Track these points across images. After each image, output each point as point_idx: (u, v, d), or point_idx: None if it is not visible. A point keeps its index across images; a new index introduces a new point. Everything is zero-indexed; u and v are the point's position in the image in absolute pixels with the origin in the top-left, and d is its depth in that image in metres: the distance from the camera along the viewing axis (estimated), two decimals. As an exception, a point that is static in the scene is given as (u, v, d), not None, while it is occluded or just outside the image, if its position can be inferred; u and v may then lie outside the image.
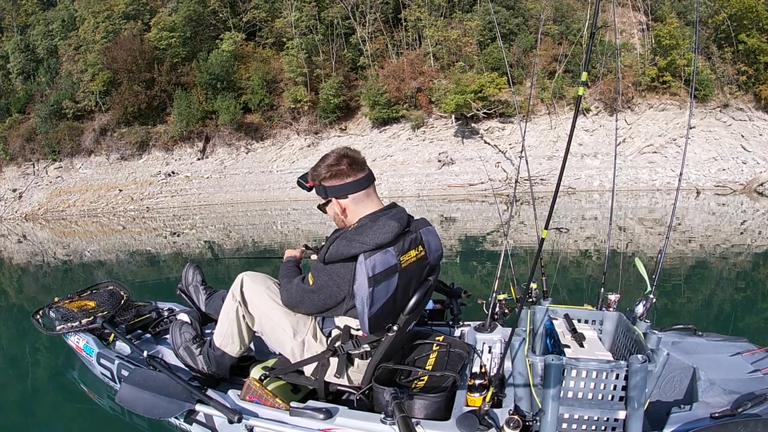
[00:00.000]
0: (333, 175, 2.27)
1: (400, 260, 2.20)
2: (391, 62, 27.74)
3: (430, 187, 22.71)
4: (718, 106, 23.43)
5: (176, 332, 2.85)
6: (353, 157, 2.29)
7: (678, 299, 5.72)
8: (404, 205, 2.45)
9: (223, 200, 24.41)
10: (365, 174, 2.31)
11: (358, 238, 2.14)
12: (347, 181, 2.27)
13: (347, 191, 2.29)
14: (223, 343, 2.62)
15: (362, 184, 2.29)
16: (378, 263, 2.12)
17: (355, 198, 2.30)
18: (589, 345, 2.26)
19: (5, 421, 3.36)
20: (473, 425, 2.01)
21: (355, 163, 2.29)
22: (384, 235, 2.14)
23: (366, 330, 2.25)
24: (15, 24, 32.17)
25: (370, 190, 2.33)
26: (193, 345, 2.79)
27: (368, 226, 2.18)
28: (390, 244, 2.16)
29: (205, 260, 10.61)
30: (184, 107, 26.82)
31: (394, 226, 2.18)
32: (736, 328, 4.74)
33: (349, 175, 2.27)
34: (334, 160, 2.29)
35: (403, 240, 2.24)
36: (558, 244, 8.77)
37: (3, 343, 5.57)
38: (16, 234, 18.91)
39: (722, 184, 20.06)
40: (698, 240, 9.82)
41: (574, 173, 21.19)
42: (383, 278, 2.14)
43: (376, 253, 2.13)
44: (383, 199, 2.40)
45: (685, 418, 1.98)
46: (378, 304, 2.18)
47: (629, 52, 25.33)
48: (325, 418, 2.16)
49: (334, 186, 2.28)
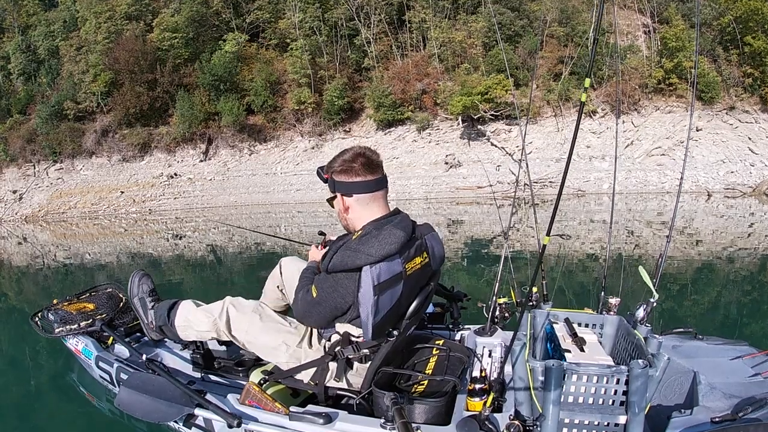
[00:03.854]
0: (344, 171, 2.26)
1: (406, 268, 2.18)
2: (396, 64, 27.74)
3: (438, 190, 22.68)
4: (724, 108, 23.39)
5: (135, 281, 2.96)
6: (369, 158, 2.27)
7: (681, 303, 5.70)
8: (412, 208, 2.45)
9: (226, 202, 24.37)
10: (376, 178, 2.28)
11: (363, 249, 2.10)
12: (356, 180, 2.24)
13: (353, 190, 2.26)
14: (180, 329, 2.72)
15: (370, 187, 2.26)
16: (383, 272, 2.09)
17: (360, 199, 2.27)
18: (589, 349, 2.25)
19: (4, 424, 3.35)
20: (473, 430, 2.00)
21: (369, 164, 2.26)
22: (390, 246, 2.11)
23: (369, 337, 2.24)
24: (16, 25, 32.21)
25: (378, 195, 2.30)
26: (149, 298, 2.92)
27: (373, 236, 2.14)
28: (396, 254, 2.14)
29: (208, 262, 10.62)
30: (187, 108, 26.86)
31: (400, 236, 2.15)
32: (741, 332, 4.70)
33: (359, 175, 2.24)
34: (349, 156, 2.27)
35: (408, 248, 2.22)
36: (561, 248, 8.74)
37: (2, 345, 5.56)
38: (16, 236, 18.80)
39: (731, 186, 20.08)
40: (705, 243, 9.79)
41: (582, 176, 21.21)
42: (388, 286, 2.12)
43: (382, 262, 2.10)
44: (390, 202, 2.38)
45: (686, 423, 1.98)
46: (383, 312, 2.16)
47: (635, 54, 25.28)
48: (325, 423, 2.15)
49: (343, 182, 2.26)
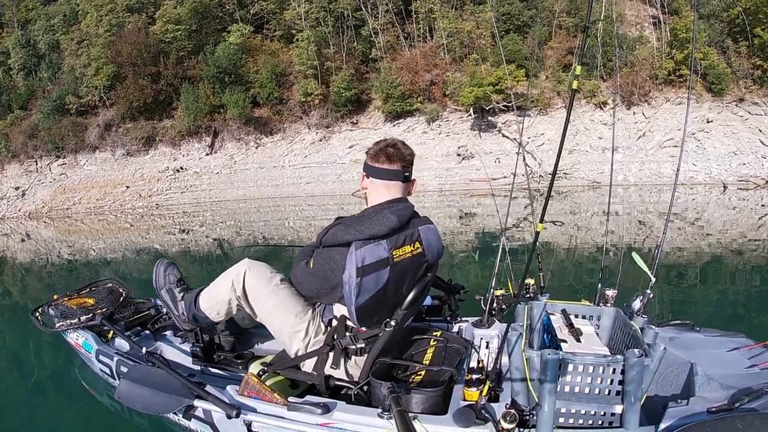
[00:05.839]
0: (372, 155, 2.40)
1: (393, 254, 2.25)
2: (404, 54, 27.52)
3: (452, 182, 22.56)
4: (733, 100, 23.17)
5: (161, 272, 2.85)
6: (398, 150, 2.39)
7: (679, 294, 5.69)
8: (426, 201, 2.51)
9: (235, 196, 24.28)
10: (395, 169, 2.37)
11: (355, 226, 2.23)
12: (375, 165, 2.38)
13: (371, 174, 2.40)
14: (208, 310, 2.66)
15: (386, 175, 2.37)
16: (368, 255, 2.19)
17: (374, 183, 2.40)
18: (586, 340, 2.27)
19: (5, 418, 3.39)
20: (470, 419, 2.02)
21: (395, 155, 2.37)
22: (380, 227, 2.22)
23: (354, 320, 2.31)
24: (16, 19, 32.09)
25: (392, 185, 2.39)
26: (177, 288, 2.81)
27: (368, 217, 2.27)
28: (383, 237, 2.23)
29: (215, 257, 10.66)
30: (192, 101, 26.66)
31: (392, 220, 2.25)
32: (739, 324, 4.68)
33: (380, 162, 2.37)
34: (383, 144, 2.41)
35: (398, 235, 2.29)
36: (561, 239, 8.73)
37: (4, 340, 5.61)
38: (19, 233, 18.66)
39: (744, 178, 19.99)
40: (714, 235, 9.80)
41: (597, 167, 21.12)
42: (372, 270, 2.21)
43: (368, 245, 2.20)
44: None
45: (682, 413, 1.98)
46: (366, 295, 2.23)
47: (644, 45, 25.06)
48: (323, 413, 2.17)
49: (368, 164, 2.42)
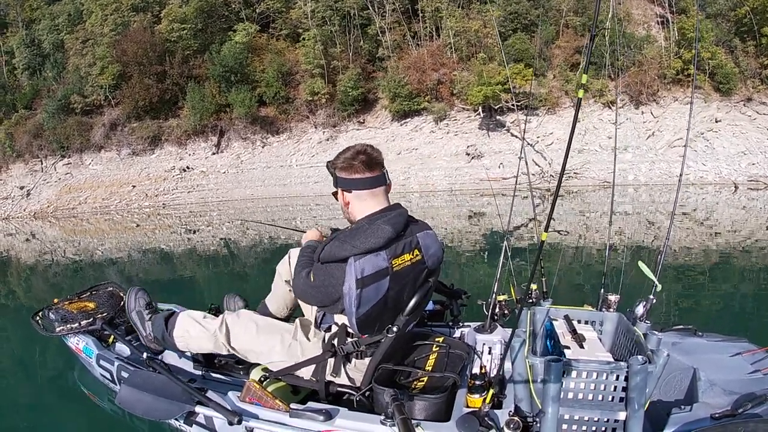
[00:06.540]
0: (344, 168, 2.35)
1: (392, 264, 2.23)
2: (411, 53, 27.39)
3: (462, 181, 22.30)
4: (741, 99, 23.01)
5: (132, 297, 3.03)
6: (370, 156, 2.34)
7: (684, 296, 5.69)
8: (435, 200, 2.48)
9: (242, 195, 24.21)
10: (375, 175, 2.34)
11: (350, 241, 2.19)
12: (355, 177, 2.32)
13: (352, 186, 2.34)
14: (180, 339, 2.72)
15: (368, 184, 2.33)
16: (367, 266, 2.17)
17: (358, 195, 2.35)
18: (589, 346, 2.25)
19: (6, 423, 3.41)
20: (473, 426, 2.02)
21: (369, 162, 2.33)
22: (375, 239, 2.18)
23: (355, 330, 2.31)
24: (20, 19, 31.90)
25: (378, 191, 2.37)
26: (146, 311, 2.98)
27: (362, 230, 2.23)
28: (381, 248, 2.20)
29: (221, 256, 10.70)
30: (198, 100, 26.52)
31: (388, 231, 2.21)
32: (741, 328, 4.65)
33: (358, 172, 2.32)
34: (350, 154, 2.35)
35: (396, 244, 2.27)
36: (562, 241, 8.71)
37: (5, 344, 5.62)
38: (24, 233, 18.65)
39: (754, 178, 19.90)
40: (723, 234, 9.84)
41: (607, 167, 20.99)
42: (372, 281, 2.19)
43: (366, 256, 2.17)
44: (413, 194, 2.42)
45: (686, 419, 1.98)
46: (367, 306, 2.22)
47: (651, 44, 24.90)
48: (325, 420, 2.17)
49: (343, 178, 2.36)
